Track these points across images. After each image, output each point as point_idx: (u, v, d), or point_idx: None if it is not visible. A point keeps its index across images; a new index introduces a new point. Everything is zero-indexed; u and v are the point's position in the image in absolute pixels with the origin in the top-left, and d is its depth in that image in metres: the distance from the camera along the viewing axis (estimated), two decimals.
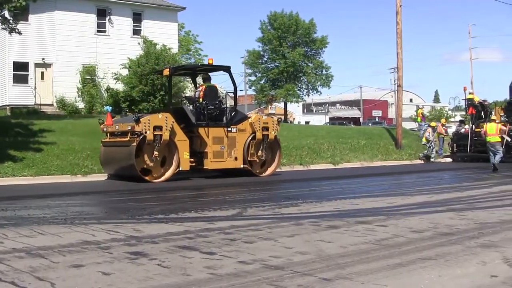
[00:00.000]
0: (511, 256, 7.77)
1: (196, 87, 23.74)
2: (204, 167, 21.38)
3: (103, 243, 8.62)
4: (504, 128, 28.64)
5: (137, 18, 44.17)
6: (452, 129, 46.02)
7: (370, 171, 26.17)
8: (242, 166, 22.01)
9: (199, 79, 25.15)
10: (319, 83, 72.19)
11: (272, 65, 71.69)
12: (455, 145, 35.10)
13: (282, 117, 24.87)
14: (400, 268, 7.07)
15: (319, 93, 75.94)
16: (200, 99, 21.55)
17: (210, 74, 23.24)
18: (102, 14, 42.82)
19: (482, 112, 34.78)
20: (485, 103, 35.69)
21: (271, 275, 6.67)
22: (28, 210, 12.84)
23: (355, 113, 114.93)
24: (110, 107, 37.75)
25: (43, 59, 40.36)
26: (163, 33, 42.98)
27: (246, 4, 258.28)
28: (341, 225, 10.33)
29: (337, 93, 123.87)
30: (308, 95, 76.82)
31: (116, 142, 20.52)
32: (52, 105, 40.09)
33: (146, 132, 19.42)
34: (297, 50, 68.80)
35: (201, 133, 21.10)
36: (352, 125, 68.33)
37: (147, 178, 19.76)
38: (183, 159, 20.46)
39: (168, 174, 20.38)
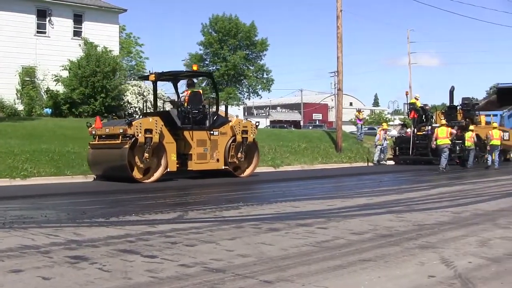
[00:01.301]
0: (448, 256, 7.94)
1: (177, 93, 25.19)
2: (188, 168, 22.45)
3: (42, 247, 8.51)
4: (454, 131, 29.69)
5: (77, 19, 43.45)
6: (391, 133, 46.82)
7: (310, 174, 26.35)
8: (223, 167, 23.19)
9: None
10: (260, 86, 72.53)
11: (213, 68, 71.71)
12: (397, 148, 35.96)
13: (259, 121, 27.09)
14: (341, 269, 7.15)
15: (259, 96, 76.26)
16: (185, 104, 22.65)
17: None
18: (42, 14, 42.00)
19: (424, 116, 35.79)
20: (426, 107, 36.81)
21: (212, 278, 6.69)
22: None
23: (295, 116, 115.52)
24: (50, 110, 37.43)
25: None
26: (104, 35, 42.46)
27: (188, 7, 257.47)
28: (282, 228, 10.39)
29: (278, 97, 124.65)
30: (249, 98, 77.07)
31: (106, 145, 21.17)
32: None
33: (138, 135, 20.34)
34: (238, 53, 69.02)
35: (186, 136, 22.27)
36: (293, 128, 68.64)
37: (137, 178, 20.59)
38: (171, 160, 21.40)
39: (157, 175, 21.23)
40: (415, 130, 35.24)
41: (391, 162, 36.08)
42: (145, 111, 24.97)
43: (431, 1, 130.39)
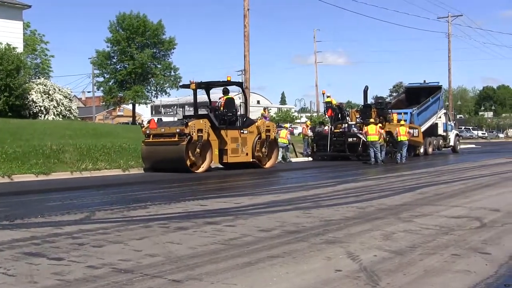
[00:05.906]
0: (354, 250, 8.10)
1: (209, 99, 30.00)
2: (224, 161, 27.04)
3: None
4: (381, 130, 32.45)
5: None
6: (298, 130, 47.73)
7: (219, 173, 26.38)
8: (251, 160, 27.77)
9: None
10: (167, 84, 72.22)
11: (120, 66, 70.96)
12: (315, 145, 37.03)
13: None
14: (249, 266, 7.20)
15: (168, 94, 75.93)
16: (222, 108, 27.22)
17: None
18: None
19: (340, 114, 37.06)
20: (342, 105, 38.19)
21: (121, 279, 6.64)
22: None
23: None
24: None
25: None
26: (7, 32, 41.17)
27: (95, 4, 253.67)
28: (190, 226, 10.39)
29: (186, 95, 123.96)
30: (157, 97, 76.67)
31: (162, 142, 25.42)
32: None
33: (192, 134, 24.65)
34: (146, 51, 68.51)
35: (222, 134, 26.57)
36: None
37: (191, 169, 24.77)
38: (214, 154, 26.02)
39: (205, 166, 25.55)
40: (332, 127, 36.31)
41: (310, 158, 36.87)
42: (184, 114, 28.94)
43: (337, 2, 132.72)
